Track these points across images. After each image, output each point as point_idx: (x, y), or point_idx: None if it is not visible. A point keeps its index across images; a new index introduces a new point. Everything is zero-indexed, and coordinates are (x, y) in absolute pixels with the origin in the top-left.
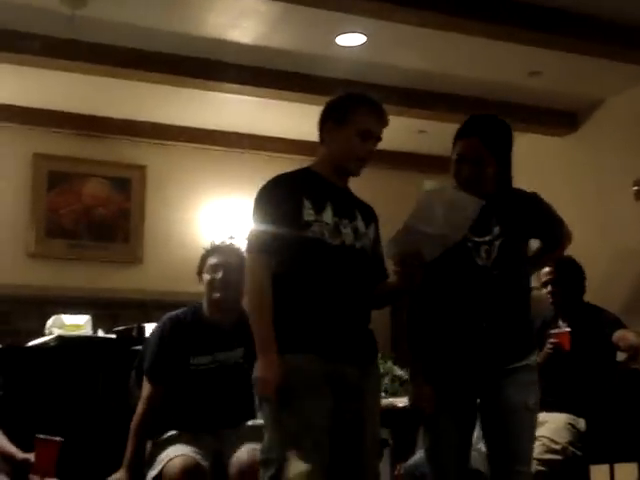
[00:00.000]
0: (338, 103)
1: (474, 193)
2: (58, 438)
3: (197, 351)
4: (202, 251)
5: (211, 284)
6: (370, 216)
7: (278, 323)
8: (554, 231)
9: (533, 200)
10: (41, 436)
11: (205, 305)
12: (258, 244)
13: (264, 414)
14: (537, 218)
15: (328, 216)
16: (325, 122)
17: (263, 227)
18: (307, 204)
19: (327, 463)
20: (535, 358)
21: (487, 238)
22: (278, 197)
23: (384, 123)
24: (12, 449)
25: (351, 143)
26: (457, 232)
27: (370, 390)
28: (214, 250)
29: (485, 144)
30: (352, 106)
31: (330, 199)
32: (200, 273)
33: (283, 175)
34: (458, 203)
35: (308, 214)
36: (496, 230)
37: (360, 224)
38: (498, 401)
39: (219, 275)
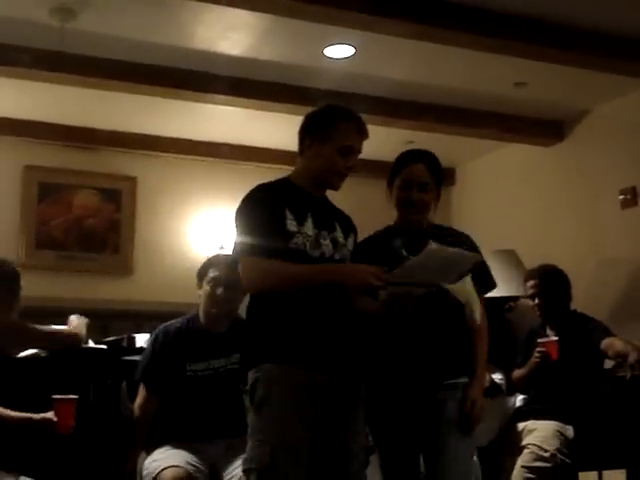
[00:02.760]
0: (318, 118)
1: (418, 220)
2: (74, 396)
3: (193, 358)
4: (194, 261)
5: (211, 298)
6: (349, 227)
7: (260, 333)
8: (479, 273)
9: (466, 240)
10: (58, 396)
11: (201, 314)
12: (248, 251)
13: (249, 422)
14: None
15: (309, 228)
16: (305, 137)
17: (248, 238)
18: (289, 215)
19: (305, 475)
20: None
21: None
22: (261, 207)
23: (365, 137)
24: (22, 414)
25: (333, 160)
26: (445, 280)
27: (353, 399)
28: (217, 262)
29: (430, 171)
30: (333, 122)
31: (311, 210)
32: (200, 279)
33: (264, 185)
34: (456, 258)
35: (291, 224)
36: None
37: (339, 235)
38: (437, 414)
39: (219, 291)
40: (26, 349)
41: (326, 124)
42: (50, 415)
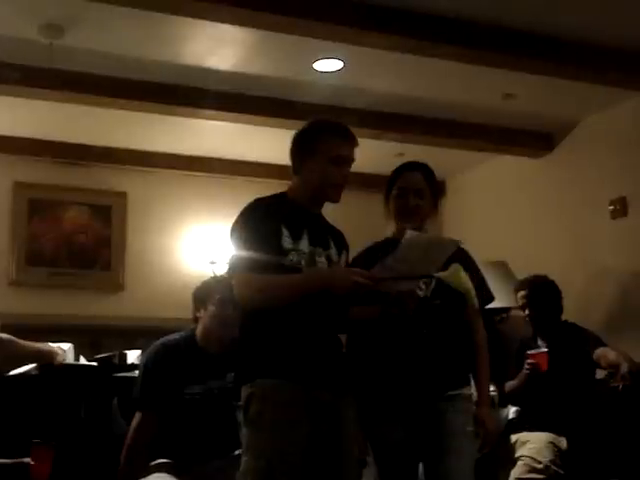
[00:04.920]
0: (304, 135)
1: (415, 228)
2: (53, 443)
3: (191, 380)
4: (185, 277)
5: (218, 319)
6: (342, 243)
7: (253, 349)
8: (476, 286)
9: (463, 253)
10: (37, 441)
11: (199, 334)
12: (242, 267)
13: (243, 437)
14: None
15: (304, 245)
16: (295, 155)
17: (244, 253)
18: (285, 231)
19: None
20: (469, 390)
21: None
22: (257, 222)
23: (353, 144)
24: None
25: (326, 172)
26: (430, 267)
27: (346, 413)
28: (222, 283)
29: (425, 178)
30: (318, 135)
31: (306, 227)
32: (201, 302)
33: (260, 200)
34: (436, 243)
35: (286, 241)
36: None
37: (333, 252)
38: (437, 425)
39: (229, 311)
40: (11, 362)
41: (312, 139)
42: (27, 460)
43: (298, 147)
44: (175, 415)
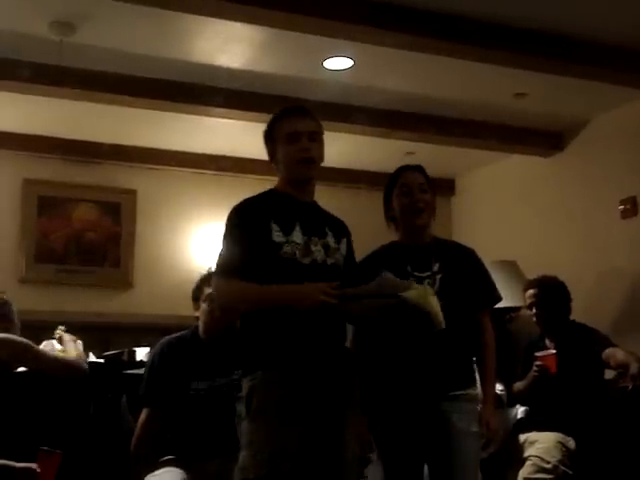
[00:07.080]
0: (265, 130)
1: (424, 225)
2: (59, 451)
3: (197, 376)
4: (194, 275)
5: (209, 315)
6: (341, 231)
7: (253, 341)
8: (485, 286)
9: (471, 254)
10: (45, 448)
11: (201, 332)
12: (225, 269)
13: (241, 432)
14: (472, 270)
15: (298, 236)
16: (266, 151)
17: (231, 251)
18: (275, 227)
19: None
20: (475, 391)
21: (428, 273)
22: (245, 221)
23: (307, 118)
24: (8, 462)
25: (286, 152)
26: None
27: (349, 408)
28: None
29: (425, 175)
30: (272, 124)
31: (298, 219)
32: (196, 300)
33: (248, 200)
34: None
35: (277, 236)
36: (436, 267)
37: (331, 240)
38: (442, 425)
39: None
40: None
41: (270, 130)
42: (34, 466)
43: (265, 143)
44: (180, 411)
